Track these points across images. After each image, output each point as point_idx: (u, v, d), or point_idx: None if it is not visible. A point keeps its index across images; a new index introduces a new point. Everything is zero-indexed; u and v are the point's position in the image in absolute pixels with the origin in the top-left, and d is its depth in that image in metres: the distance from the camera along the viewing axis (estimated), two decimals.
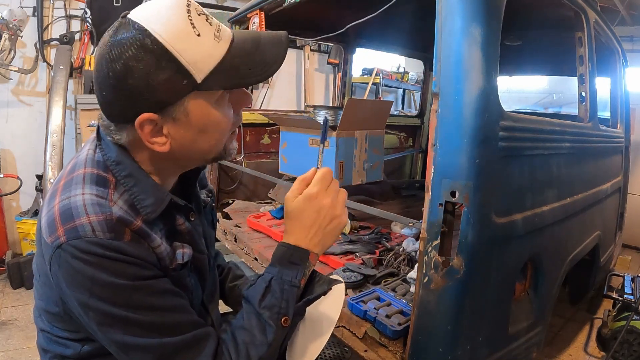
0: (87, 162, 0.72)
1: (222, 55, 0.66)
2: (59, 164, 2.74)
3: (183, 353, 0.67)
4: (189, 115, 0.68)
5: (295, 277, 0.74)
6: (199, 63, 0.64)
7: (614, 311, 2.03)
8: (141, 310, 0.64)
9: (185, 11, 0.64)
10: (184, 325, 0.68)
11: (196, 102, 0.67)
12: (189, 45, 0.63)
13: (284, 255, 0.76)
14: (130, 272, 0.64)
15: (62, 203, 0.66)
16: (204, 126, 0.70)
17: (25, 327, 2.23)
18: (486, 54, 1.02)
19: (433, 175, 1.04)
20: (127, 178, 0.71)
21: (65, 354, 0.75)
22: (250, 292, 0.75)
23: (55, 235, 0.64)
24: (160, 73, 0.63)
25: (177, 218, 0.77)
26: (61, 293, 0.67)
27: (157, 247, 0.70)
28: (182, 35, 0.63)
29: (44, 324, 0.77)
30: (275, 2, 1.95)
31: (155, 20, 0.62)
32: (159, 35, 0.62)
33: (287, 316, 0.72)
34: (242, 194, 2.69)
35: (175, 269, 0.74)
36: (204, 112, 0.68)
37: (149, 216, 0.70)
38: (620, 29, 3.44)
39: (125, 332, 0.64)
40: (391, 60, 5.20)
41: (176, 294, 0.70)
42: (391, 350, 1.20)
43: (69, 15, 3.19)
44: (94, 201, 0.66)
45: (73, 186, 0.68)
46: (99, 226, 0.63)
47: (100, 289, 0.62)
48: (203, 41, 0.64)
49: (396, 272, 1.61)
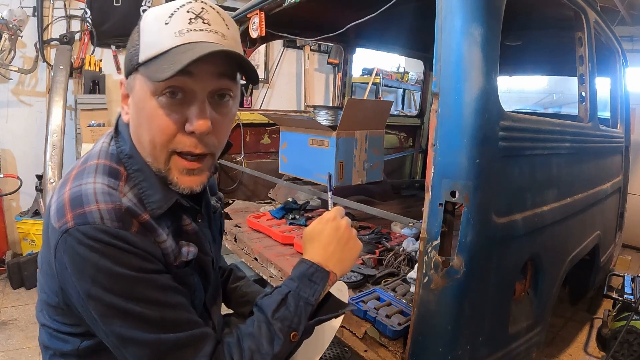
0: (101, 154, 0.74)
1: (168, 48, 0.65)
2: (59, 164, 2.74)
3: (180, 351, 0.67)
4: (133, 90, 0.71)
5: (312, 295, 0.75)
6: (146, 45, 0.67)
7: (614, 311, 2.03)
8: (141, 303, 0.64)
9: (181, 5, 0.67)
10: (183, 323, 0.68)
11: (139, 82, 0.69)
12: (152, 28, 0.67)
13: (305, 273, 0.76)
14: (135, 263, 0.64)
15: (73, 190, 0.67)
16: (140, 111, 0.70)
17: (25, 327, 2.23)
18: (486, 54, 1.02)
19: (433, 175, 1.04)
20: (137, 172, 0.72)
21: (65, 350, 0.75)
22: (265, 301, 0.75)
23: (63, 220, 0.64)
24: (132, 46, 0.70)
25: (184, 218, 0.78)
26: (63, 281, 0.67)
27: (162, 242, 0.70)
28: (155, 20, 0.67)
29: (45, 319, 0.77)
30: (275, 2, 1.95)
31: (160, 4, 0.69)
32: (147, 12, 0.70)
33: (296, 332, 0.72)
34: (242, 194, 2.69)
35: (179, 266, 0.74)
36: (142, 96, 0.69)
37: (155, 212, 0.70)
38: (620, 29, 3.44)
39: (122, 324, 0.64)
40: (391, 60, 5.20)
41: (178, 291, 0.70)
42: (391, 350, 1.20)
43: (69, 15, 3.19)
44: (105, 190, 0.67)
45: (85, 175, 0.70)
46: (107, 214, 0.64)
47: (103, 277, 0.63)
48: (164, 29, 0.66)
49: (396, 272, 1.61)
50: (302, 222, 2.12)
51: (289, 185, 2.25)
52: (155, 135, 0.69)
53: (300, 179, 2.19)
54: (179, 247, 0.75)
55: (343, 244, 0.80)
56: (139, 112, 0.70)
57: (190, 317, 0.70)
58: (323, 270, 0.77)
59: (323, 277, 0.76)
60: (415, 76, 5.14)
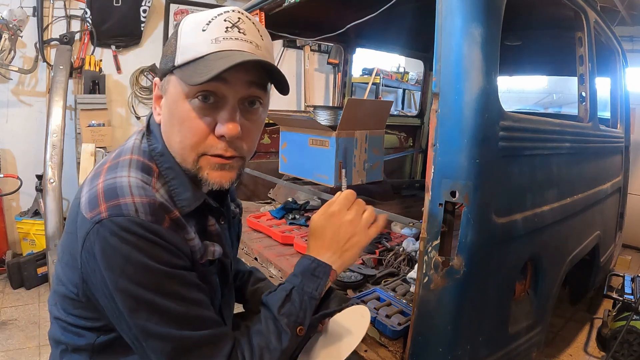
0: (134, 150, 0.75)
1: (204, 53, 0.68)
2: (59, 164, 2.74)
3: (200, 349, 0.67)
4: (166, 92, 0.73)
5: (316, 289, 0.77)
6: (183, 49, 0.69)
7: (614, 311, 2.03)
8: (168, 297, 0.65)
9: (220, 13, 0.70)
10: (205, 321, 0.69)
11: (173, 84, 0.72)
12: (189, 32, 0.70)
13: (307, 268, 0.79)
14: (165, 258, 0.65)
15: (107, 182, 0.68)
16: (173, 113, 0.72)
17: (25, 327, 2.23)
18: (486, 54, 1.02)
19: (433, 175, 1.04)
20: (169, 170, 0.74)
21: (79, 345, 0.75)
22: (270, 298, 0.77)
23: (97, 210, 0.65)
24: (169, 49, 0.72)
25: (209, 219, 0.80)
26: (87, 272, 0.68)
27: (191, 240, 0.72)
28: (194, 26, 0.70)
29: (59, 312, 0.77)
30: (275, 2, 1.95)
31: (201, 11, 0.72)
32: (184, 20, 0.72)
33: (302, 326, 0.74)
34: (242, 194, 2.69)
35: (205, 264, 0.76)
36: (175, 98, 0.71)
37: (184, 210, 0.72)
38: (620, 29, 3.44)
39: (148, 318, 0.64)
40: (391, 60, 5.20)
41: (202, 289, 0.71)
42: (391, 350, 1.20)
43: (69, 15, 3.19)
44: (139, 184, 0.68)
45: (119, 169, 0.71)
46: (142, 208, 0.65)
47: (133, 269, 0.63)
48: (201, 35, 0.69)
49: (396, 272, 1.61)
50: (302, 222, 2.12)
51: (289, 185, 2.25)
52: (185, 137, 0.71)
53: (300, 179, 2.19)
54: (204, 245, 0.76)
55: (343, 243, 0.81)
56: (171, 113, 0.72)
57: (213, 316, 0.71)
58: (325, 265, 0.79)
59: (325, 272, 0.79)
60: (415, 76, 5.14)
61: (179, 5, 3.69)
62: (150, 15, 3.49)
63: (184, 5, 3.71)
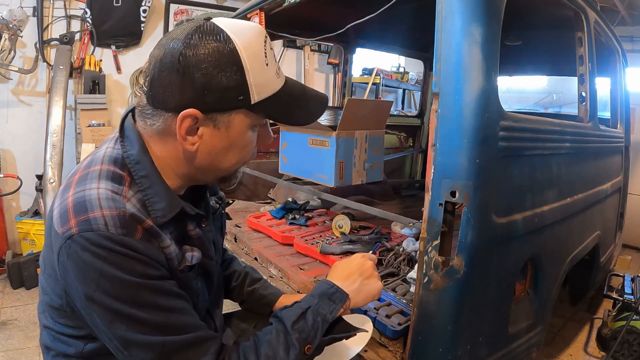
0: (105, 159, 0.73)
1: (277, 89, 0.73)
2: (59, 164, 2.74)
3: (185, 352, 0.67)
4: (229, 127, 0.72)
5: (330, 313, 0.79)
6: (259, 87, 0.70)
7: (614, 311, 2.03)
8: (145, 308, 0.65)
9: (263, 40, 0.71)
10: (186, 326, 0.69)
11: (241, 119, 0.72)
12: (257, 68, 0.69)
13: (326, 292, 0.82)
14: (139, 270, 0.65)
15: (76, 195, 0.67)
16: (235, 143, 0.74)
17: (25, 327, 2.23)
18: (486, 54, 1.02)
19: (433, 175, 1.04)
20: (144, 179, 0.72)
21: (68, 353, 0.76)
22: (285, 313, 0.78)
23: (67, 226, 0.64)
24: (226, 80, 0.67)
25: (188, 224, 0.79)
26: (66, 285, 0.68)
27: (166, 247, 0.71)
28: (256, 58, 0.69)
29: (47, 321, 0.77)
30: (275, 2, 1.95)
31: (238, 33, 0.68)
32: (238, 47, 0.67)
33: (311, 345, 0.75)
34: (242, 194, 2.69)
35: (183, 270, 0.75)
36: (242, 130, 0.73)
37: (159, 220, 0.71)
38: (620, 29, 3.44)
39: (127, 328, 0.64)
40: (391, 60, 5.20)
41: (180, 296, 0.71)
42: (391, 350, 1.20)
43: (69, 15, 3.19)
44: (109, 196, 0.67)
45: (88, 180, 0.69)
46: (111, 221, 0.64)
47: (107, 282, 0.63)
48: (268, 71, 0.71)
49: (396, 272, 1.61)
50: (302, 222, 2.11)
51: (289, 185, 2.25)
52: (244, 158, 0.78)
53: (300, 179, 2.19)
54: (182, 252, 0.75)
55: (364, 278, 0.88)
56: (234, 143, 0.74)
57: (195, 321, 0.71)
58: (343, 292, 0.83)
59: (342, 299, 0.82)
60: (415, 76, 5.14)
61: (179, 5, 3.69)
62: (150, 15, 3.49)
63: (184, 5, 3.72)
